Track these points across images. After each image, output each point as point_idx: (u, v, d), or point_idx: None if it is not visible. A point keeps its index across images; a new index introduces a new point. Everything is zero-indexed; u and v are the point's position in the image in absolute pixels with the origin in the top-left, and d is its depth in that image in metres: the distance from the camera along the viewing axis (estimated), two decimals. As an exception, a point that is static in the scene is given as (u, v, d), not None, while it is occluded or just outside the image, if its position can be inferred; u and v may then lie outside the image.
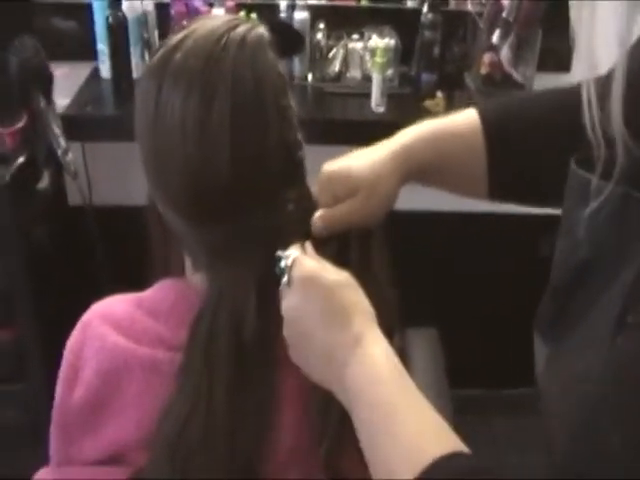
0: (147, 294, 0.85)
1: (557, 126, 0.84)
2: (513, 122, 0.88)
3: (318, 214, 0.81)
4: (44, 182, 1.78)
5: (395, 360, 0.65)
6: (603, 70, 0.64)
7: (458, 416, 1.68)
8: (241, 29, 0.74)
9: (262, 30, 0.76)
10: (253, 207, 0.75)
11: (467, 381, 1.93)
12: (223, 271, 0.76)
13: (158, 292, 0.84)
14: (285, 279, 0.72)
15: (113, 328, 0.81)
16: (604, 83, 0.61)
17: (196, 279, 0.81)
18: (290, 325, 0.71)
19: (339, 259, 0.76)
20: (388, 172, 0.82)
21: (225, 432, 0.73)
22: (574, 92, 0.83)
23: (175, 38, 0.75)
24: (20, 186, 1.64)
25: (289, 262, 0.72)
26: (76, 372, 0.82)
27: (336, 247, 0.82)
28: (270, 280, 0.77)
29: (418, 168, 0.85)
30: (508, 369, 2.19)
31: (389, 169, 0.82)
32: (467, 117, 0.88)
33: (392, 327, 0.80)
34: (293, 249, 0.74)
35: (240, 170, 0.73)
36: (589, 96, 0.63)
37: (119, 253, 1.84)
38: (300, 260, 0.72)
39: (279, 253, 0.73)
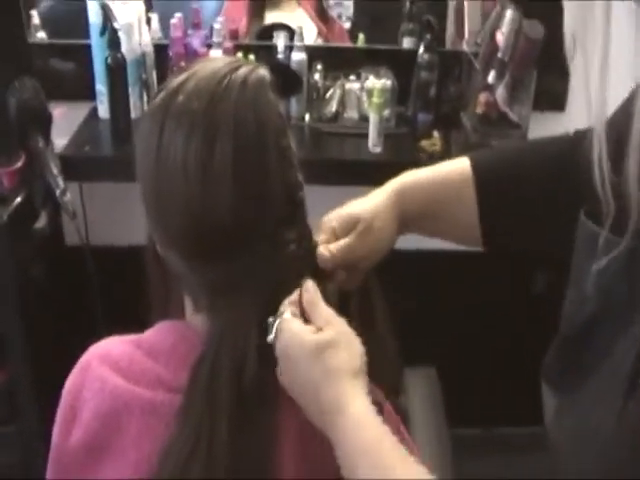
0: (146, 335, 0.84)
1: (551, 176, 0.85)
2: (506, 172, 0.90)
3: (322, 246, 0.83)
4: (41, 222, 1.78)
5: (375, 419, 0.67)
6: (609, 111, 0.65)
7: (457, 456, 1.68)
8: (243, 70, 0.75)
9: (263, 71, 0.77)
10: (254, 247, 0.75)
11: (466, 420, 1.91)
12: (224, 312, 0.76)
13: (157, 333, 0.83)
14: (270, 337, 0.74)
15: (112, 369, 0.80)
16: (616, 140, 0.62)
17: (196, 320, 0.81)
18: (285, 386, 0.74)
19: (340, 306, 0.77)
20: (384, 208, 0.87)
21: (226, 473, 0.72)
22: (568, 141, 0.84)
23: (176, 80, 0.75)
24: (17, 226, 1.63)
25: (275, 327, 0.74)
26: (74, 414, 0.81)
27: (337, 288, 0.83)
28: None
29: (412, 211, 0.88)
30: (507, 408, 2.18)
31: (385, 205, 0.87)
32: (459, 166, 0.89)
33: (397, 385, 0.82)
34: (286, 309, 0.75)
35: (242, 211, 0.73)
36: (600, 154, 0.63)
37: (116, 293, 1.82)
38: (286, 323, 0.73)
39: (270, 320, 0.75)
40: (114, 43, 1.75)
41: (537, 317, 1.66)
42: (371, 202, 0.87)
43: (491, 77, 1.88)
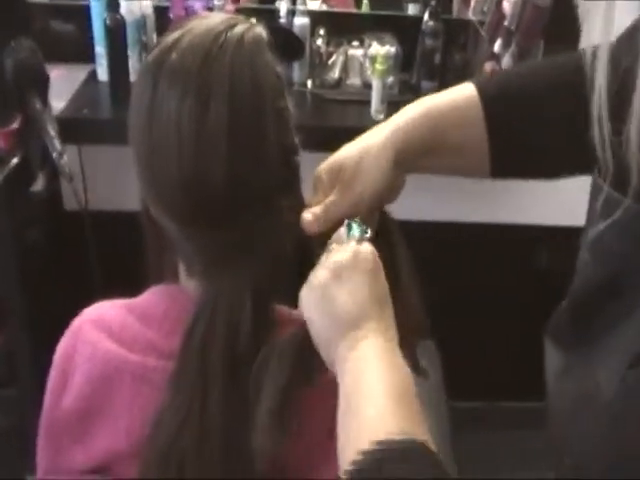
0: (139, 300, 0.83)
1: (560, 102, 0.80)
2: (514, 92, 0.83)
3: (306, 211, 0.78)
4: (39, 185, 1.76)
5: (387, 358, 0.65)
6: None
7: (457, 429, 1.67)
8: (239, 28, 0.72)
9: (260, 30, 0.74)
10: (249, 212, 0.73)
11: (465, 393, 1.91)
12: (218, 278, 0.74)
13: (150, 298, 0.82)
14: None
15: (104, 334, 0.79)
16: (617, 104, 0.60)
17: (190, 285, 0.79)
18: (319, 285, 0.69)
19: None
20: (375, 147, 0.79)
21: (219, 440, 0.71)
22: (574, 64, 0.79)
23: (171, 36, 0.73)
24: (14, 188, 1.61)
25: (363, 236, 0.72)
26: (66, 379, 0.80)
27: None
28: (266, 289, 0.75)
29: (413, 147, 0.81)
30: (506, 381, 2.19)
31: (377, 145, 0.79)
32: (464, 92, 0.83)
33: (422, 331, 0.81)
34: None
35: (236, 173, 0.71)
36: (600, 114, 0.60)
37: (115, 258, 1.81)
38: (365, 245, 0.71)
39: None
40: (113, 4, 1.72)
41: (540, 291, 1.66)
42: (359, 144, 0.81)
43: (497, 46, 1.85)
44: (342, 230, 0.73)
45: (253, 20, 0.76)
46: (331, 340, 0.67)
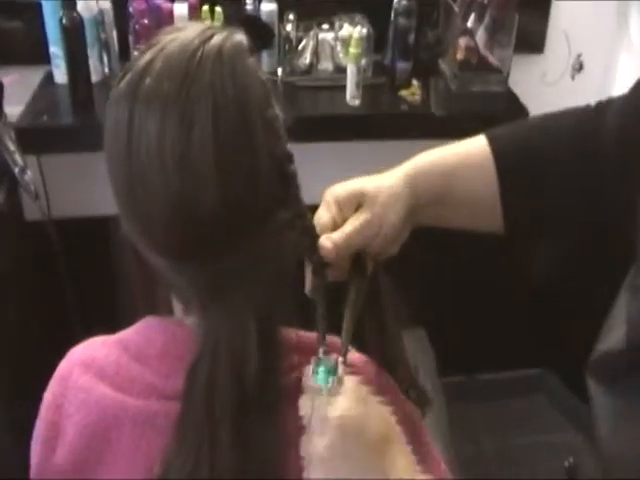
0: (132, 336, 0.76)
1: (574, 153, 0.80)
2: (526, 148, 0.83)
3: (325, 236, 0.75)
4: (-1, 199, 1.65)
5: None
6: None
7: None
8: (216, 40, 0.66)
9: (239, 37, 0.68)
10: (246, 238, 0.67)
11: (450, 369, 1.91)
12: (218, 311, 0.68)
13: (145, 333, 0.75)
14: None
15: (97, 377, 0.73)
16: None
17: (188, 319, 0.73)
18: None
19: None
20: (395, 187, 0.80)
21: None
22: (590, 114, 0.79)
23: (142, 60, 0.66)
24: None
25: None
26: (57, 430, 0.74)
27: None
28: (271, 317, 0.69)
29: (427, 196, 0.81)
30: (488, 355, 2.20)
31: (396, 185, 0.80)
32: (476, 144, 0.83)
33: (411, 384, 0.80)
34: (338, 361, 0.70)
35: (228, 198, 0.65)
36: None
37: (82, 266, 1.73)
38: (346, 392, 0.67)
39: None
40: (69, 1, 1.60)
41: (518, 264, 1.65)
42: (380, 180, 0.80)
43: (471, 21, 1.80)
44: (310, 368, 0.70)
45: (218, 10, 0.69)
46: None
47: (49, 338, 0.78)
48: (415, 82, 1.86)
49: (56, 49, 1.73)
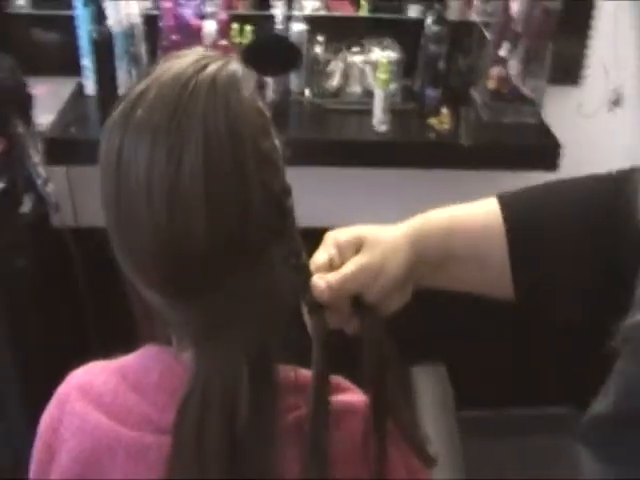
0: (132, 364, 0.74)
1: (589, 222, 0.75)
2: (539, 213, 0.79)
3: (317, 275, 0.72)
4: (26, 207, 1.68)
5: None
6: None
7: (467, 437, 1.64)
8: (210, 69, 0.63)
9: (235, 66, 0.65)
10: (236, 274, 0.64)
11: (475, 402, 1.86)
12: (210, 350, 0.66)
13: (143, 362, 0.74)
14: None
15: (94, 404, 0.71)
16: None
17: (183, 355, 0.71)
18: None
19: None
20: (397, 239, 0.76)
21: None
22: (609, 182, 0.74)
23: (136, 89, 0.64)
24: (0, 214, 1.54)
25: None
26: (52, 454, 0.73)
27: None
28: (266, 355, 0.67)
29: (431, 254, 0.78)
30: (515, 390, 2.14)
31: (399, 237, 0.77)
32: (486, 206, 0.79)
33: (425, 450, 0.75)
34: None
35: (218, 233, 0.62)
36: None
37: (105, 277, 1.73)
38: None
39: None
40: (99, 15, 1.63)
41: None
42: (382, 230, 0.77)
43: (504, 49, 1.77)
44: None
45: (248, 28, 0.67)
46: None
47: (67, 347, 0.78)
48: (444, 110, 1.82)
49: (87, 61, 1.76)
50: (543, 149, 1.85)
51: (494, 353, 2.03)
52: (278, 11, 1.78)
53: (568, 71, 1.92)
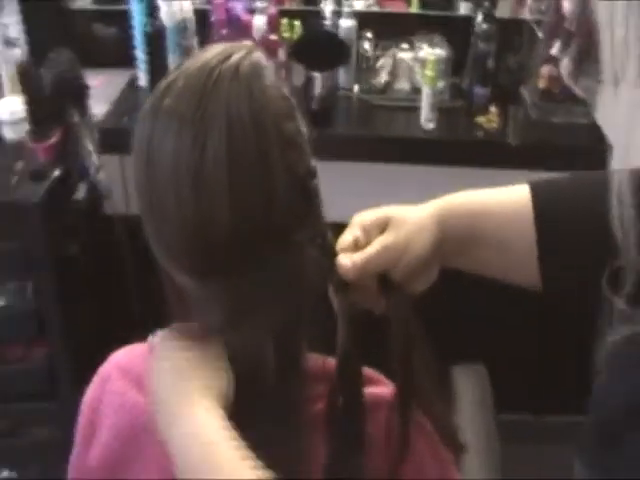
0: None
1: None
2: (568, 201, 0.78)
3: (343, 254, 0.72)
4: (80, 194, 1.73)
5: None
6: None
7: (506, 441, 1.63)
8: (234, 58, 0.65)
9: (258, 55, 0.67)
10: (264, 255, 0.66)
11: (515, 406, 1.84)
12: (237, 330, 0.68)
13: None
14: None
15: (133, 384, 0.75)
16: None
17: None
18: None
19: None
20: (423, 218, 0.76)
21: None
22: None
23: (166, 80, 0.66)
24: (55, 201, 1.59)
25: None
26: (94, 430, 0.77)
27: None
28: (291, 337, 0.69)
29: (455, 231, 0.77)
30: (556, 396, 2.11)
31: (424, 216, 0.76)
32: (516, 191, 0.79)
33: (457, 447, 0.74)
34: None
35: (242, 214, 0.64)
36: (620, 192, 0.53)
37: (155, 264, 1.78)
38: None
39: None
40: (152, 9, 1.67)
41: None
42: (408, 209, 0.77)
43: (556, 48, 1.74)
44: None
45: (297, 23, 0.69)
46: None
47: (117, 332, 0.82)
48: (493, 109, 1.81)
49: (141, 54, 1.80)
50: (594, 149, 1.82)
51: (543, 357, 2.01)
52: (327, 6, 1.79)
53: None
